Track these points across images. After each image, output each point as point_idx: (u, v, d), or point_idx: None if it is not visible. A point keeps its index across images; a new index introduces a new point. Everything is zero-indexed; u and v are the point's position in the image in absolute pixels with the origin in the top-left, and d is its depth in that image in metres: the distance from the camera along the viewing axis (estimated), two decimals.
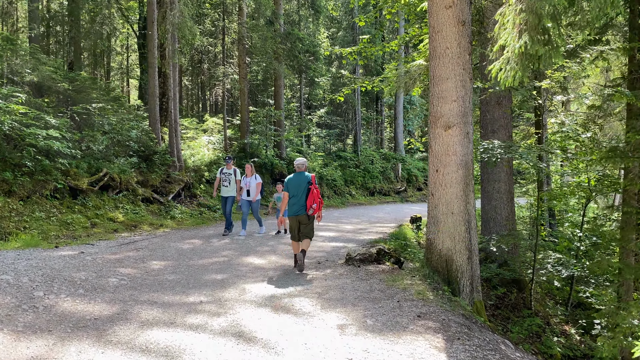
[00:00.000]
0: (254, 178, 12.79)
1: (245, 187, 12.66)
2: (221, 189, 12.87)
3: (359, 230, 14.78)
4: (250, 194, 12.70)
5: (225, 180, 12.74)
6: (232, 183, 12.75)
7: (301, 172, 8.82)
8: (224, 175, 12.78)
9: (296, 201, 8.62)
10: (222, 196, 12.98)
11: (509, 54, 6.42)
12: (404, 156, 31.69)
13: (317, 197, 8.65)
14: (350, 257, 9.14)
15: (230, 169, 12.81)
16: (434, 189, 8.02)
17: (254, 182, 12.73)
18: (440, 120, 7.90)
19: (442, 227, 7.92)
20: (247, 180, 12.72)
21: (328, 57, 30.21)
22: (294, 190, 8.65)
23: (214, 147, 21.57)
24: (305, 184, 8.61)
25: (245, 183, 12.69)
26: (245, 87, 21.74)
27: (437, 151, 7.95)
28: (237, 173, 12.80)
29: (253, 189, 12.70)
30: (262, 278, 8.08)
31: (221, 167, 13.15)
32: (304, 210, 8.57)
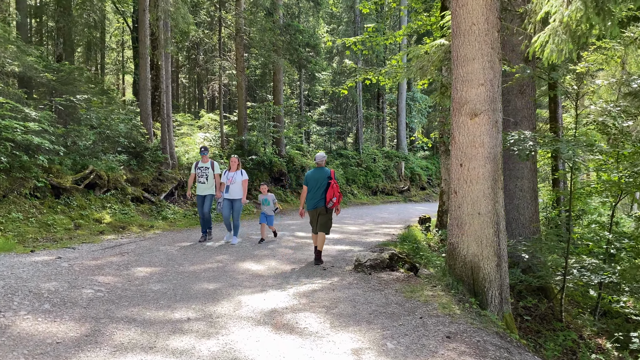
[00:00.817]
0: (239, 174, 10.68)
1: (227, 182, 10.60)
2: (197, 186, 11.00)
3: (364, 231, 13.77)
4: (233, 191, 10.57)
5: (202, 176, 10.84)
6: (210, 178, 10.87)
7: (321, 167, 8.93)
8: (199, 170, 10.87)
9: (315, 195, 8.76)
10: (198, 195, 10.99)
11: (556, 24, 5.42)
12: (407, 154, 30.69)
13: (337, 192, 8.71)
14: (360, 263, 8.12)
15: (207, 162, 10.90)
16: (458, 186, 7.01)
17: (238, 178, 10.63)
18: (465, 107, 6.89)
19: (467, 230, 6.91)
20: (230, 175, 10.62)
21: (329, 52, 29.20)
22: (314, 184, 8.79)
23: (210, 144, 20.55)
24: (325, 179, 8.72)
25: (228, 178, 10.61)
26: (242, 82, 20.73)
27: (462, 143, 6.94)
28: (215, 166, 10.89)
29: (237, 186, 10.61)
30: (260, 287, 7.07)
31: (196, 161, 11.21)
32: (323, 203, 8.70)
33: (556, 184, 16.05)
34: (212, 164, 10.91)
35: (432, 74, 9.77)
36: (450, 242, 7.17)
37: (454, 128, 7.07)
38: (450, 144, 7.14)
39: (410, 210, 22.55)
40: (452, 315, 5.80)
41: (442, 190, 14.97)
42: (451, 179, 7.18)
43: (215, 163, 10.95)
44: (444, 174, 14.92)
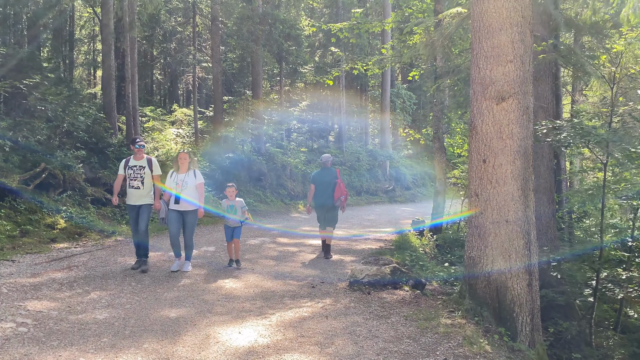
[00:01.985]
0: (192, 176, 7.71)
1: (175, 188, 7.60)
2: (128, 193, 7.80)
3: (353, 237, 12.43)
4: (185, 201, 7.59)
5: (135, 178, 7.67)
6: (147, 182, 7.70)
7: (327, 168, 9.34)
8: (131, 170, 7.71)
9: (324, 194, 9.10)
10: (129, 205, 7.86)
11: None
12: (391, 153, 29.49)
13: (344, 191, 9.12)
14: (356, 279, 6.76)
15: (142, 160, 7.74)
16: (480, 188, 5.69)
17: (191, 181, 7.64)
18: (489, 89, 5.57)
19: (491, 242, 5.59)
20: (180, 179, 7.61)
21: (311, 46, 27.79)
22: (321, 184, 9.15)
23: (183, 140, 18.99)
24: (332, 179, 9.10)
25: (177, 183, 7.60)
26: (219, 74, 19.21)
27: (485, 133, 5.62)
28: (153, 165, 7.78)
29: (190, 192, 7.60)
30: (235, 314, 5.65)
31: (126, 158, 7.98)
32: (332, 202, 9.09)
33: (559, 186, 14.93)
34: (150, 162, 7.79)
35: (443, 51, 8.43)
36: (469, 256, 5.85)
37: (474, 115, 5.75)
38: (469, 135, 5.83)
39: (397, 212, 21.30)
40: (484, 355, 4.48)
41: (437, 190, 13.72)
42: (471, 178, 5.86)
43: (153, 160, 7.88)
44: (438, 173, 13.67)
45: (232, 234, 8.20)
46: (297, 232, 13.13)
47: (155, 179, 7.78)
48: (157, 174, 7.80)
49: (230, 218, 8.11)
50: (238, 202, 8.21)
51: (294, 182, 20.98)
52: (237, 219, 8.14)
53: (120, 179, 7.93)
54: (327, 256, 9.26)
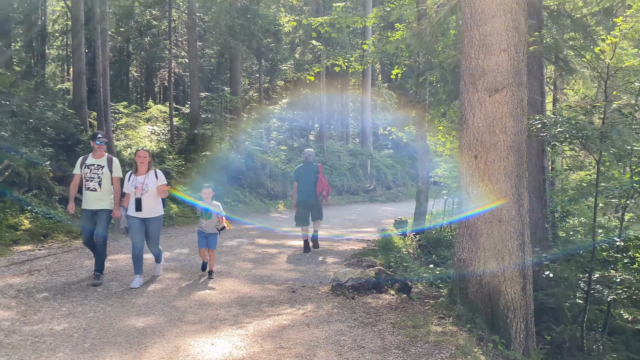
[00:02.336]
0: (153, 177, 6.74)
1: (135, 192, 6.56)
2: (83, 195, 6.77)
3: (334, 237, 12.02)
4: (147, 206, 6.62)
5: (92, 179, 6.65)
6: (106, 184, 6.68)
7: (309, 163, 9.38)
8: (88, 169, 6.68)
9: (306, 189, 9.15)
10: (84, 210, 6.76)
11: None
12: (373, 152, 29.19)
13: (326, 185, 9.21)
14: (339, 283, 6.35)
15: (102, 158, 6.73)
16: (470, 185, 5.34)
17: (152, 184, 6.67)
18: (482, 80, 5.22)
19: (483, 243, 5.25)
20: (139, 181, 6.61)
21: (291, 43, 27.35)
22: (304, 179, 9.21)
23: (159, 138, 18.37)
24: (314, 174, 9.18)
25: (136, 186, 6.58)
26: (196, 69, 18.63)
27: (477, 127, 5.27)
28: (114, 165, 6.80)
29: (151, 197, 6.66)
30: (209, 323, 5.19)
31: (83, 156, 6.94)
32: (314, 197, 9.15)
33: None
34: (110, 162, 6.77)
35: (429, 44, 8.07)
36: (460, 258, 5.49)
37: (465, 108, 5.39)
38: (460, 130, 5.48)
39: (379, 212, 20.99)
40: None
41: (420, 189, 13.41)
42: (461, 175, 5.51)
43: (114, 160, 6.85)
44: (421, 172, 13.37)
45: (206, 242, 7.22)
46: (277, 232, 12.69)
47: (115, 182, 6.74)
48: (117, 176, 6.78)
49: (204, 223, 7.20)
50: (215, 205, 7.27)
51: (274, 182, 20.51)
52: (213, 224, 7.23)
53: (77, 180, 6.80)
54: (315, 247, 9.61)
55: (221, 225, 7.30)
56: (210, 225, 7.22)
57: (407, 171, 31.28)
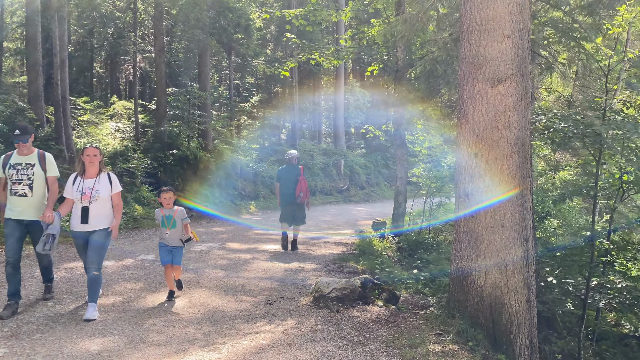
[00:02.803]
0: (105, 181, 5.38)
1: (81, 199, 5.21)
2: (10, 202, 5.33)
3: (311, 240, 11.42)
4: (94, 217, 5.26)
5: (20, 181, 5.28)
6: (39, 187, 5.36)
7: (292, 164, 9.40)
8: (14, 169, 5.31)
9: (288, 190, 9.20)
10: (7, 220, 5.34)
11: None
12: (346, 152, 28.70)
13: (304, 188, 9.25)
14: (322, 294, 5.75)
15: (31, 154, 5.40)
16: (470, 186, 4.81)
17: (104, 190, 5.32)
18: (483, 69, 4.70)
19: (484, 250, 4.73)
20: (88, 185, 5.26)
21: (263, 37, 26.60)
22: (285, 180, 9.26)
23: (123, 136, 17.44)
24: (295, 176, 9.22)
25: (83, 191, 5.23)
26: (162, 64, 17.74)
27: (477, 122, 4.75)
28: (47, 162, 5.42)
29: (101, 206, 5.31)
30: (175, 345, 4.52)
31: (5, 155, 5.50)
32: (294, 198, 9.18)
33: None
34: (42, 158, 5.39)
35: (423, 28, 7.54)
36: (458, 267, 4.96)
37: (464, 101, 4.86)
38: (458, 125, 4.95)
39: (353, 212, 20.50)
40: None
41: (398, 190, 12.92)
42: (459, 175, 4.98)
43: (47, 157, 5.48)
44: (399, 172, 12.88)
45: (170, 256, 5.93)
46: (249, 235, 12.02)
47: (51, 182, 5.36)
48: (53, 175, 5.39)
49: (167, 234, 5.91)
50: (177, 212, 5.95)
51: (245, 182, 19.77)
52: (178, 235, 5.93)
53: (1, 185, 5.38)
54: (292, 249, 9.54)
55: (186, 236, 6.01)
56: (175, 236, 5.92)
57: (380, 171, 30.94)
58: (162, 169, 16.42)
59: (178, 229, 5.93)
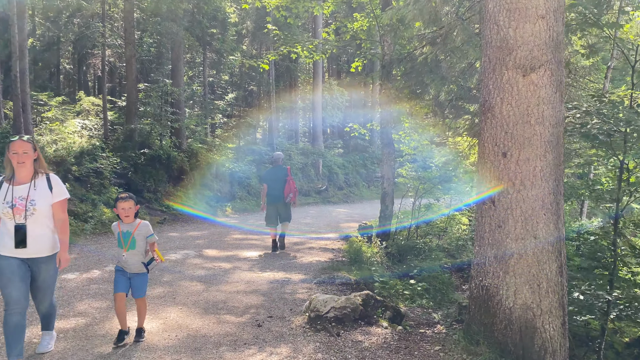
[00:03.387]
0: (45, 186, 3.96)
1: (13, 214, 3.81)
2: None
3: (294, 246, 10.66)
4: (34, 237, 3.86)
5: None
6: None
7: (278, 166, 9.54)
8: None
9: (275, 191, 9.27)
10: None
11: None
12: (324, 151, 27.99)
13: (293, 188, 9.40)
14: (319, 314, 5.01)
15: None
16: (497, 191, 4.15)
17: (43, 199, 3.91)
18: (514, 54, 4.03)
19: (514, 266, 4.06)
20: (21, 194, 3.85)
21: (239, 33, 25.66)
22: (272, 182, 9.31)
23: (91, 133, 16.35)
24: (283, 176, 9.33)
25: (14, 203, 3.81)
26: (133, 58, 16.71)
27: (507, 116, 4.08)
28: None
29: (41, 220, 3.91)
30: None
31: None
32: (282, 199, 9.30)
33: None
34: None
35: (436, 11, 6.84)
36: (482, 285, 4.28)
37: (490, 92, 4.19)
38: (481, 120, 4.28)
39: (334, 214, 19.81)
40: None
41: (385, 191, 12.26)
42: (482, 179, 4.30)
43: None
44: (386, 173, 12.22)
45: (128, 284, 4.48)
46: (227, 240, 11.19)
47: None
48: None
49: (124, 255, 4.44)
50: (139, 227, 4.53)
51: (221, 182, 18.87)
52: (139, 256, 4.49)
53: None
54: (281, 249, 9.57)
55: (149, 257, 4.55)
56: (135, 259, 4.46)
57: (359, 171, 30.36)
58: (132, 169, 15.44)
59: (139, 249, 4.47)
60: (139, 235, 4.49)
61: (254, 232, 12.57)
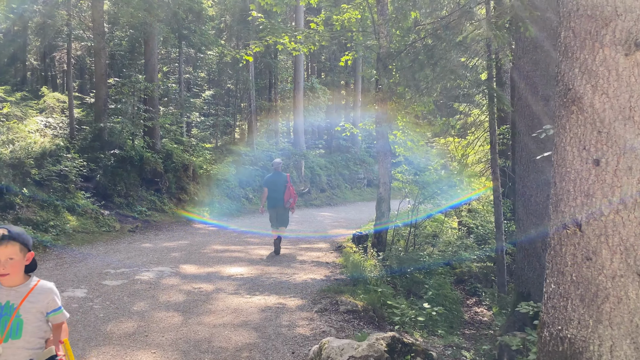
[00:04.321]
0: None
1: None
2: None
3: (283, 258, 9.52)
4: None
5: None
6: None
7: (278, 172, 10.03)
8: None
9: (275, 196, 9.75)
10: None
11: None
12: (305, 151, 26.83)
13: (293, 193, 9.85)
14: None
15: None
16: (586, 211, 3.08)
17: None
18: (611, 27, 2.97)
19: (609, 312, 3.00)
20: None
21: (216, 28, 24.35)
22: (273, 187, 9.77)
23: (55, 132, 14.91)
24: (283, 183, 9.79)
25: None
26: (102, 50, 15.32)
27: (600, 110, 3.00)
28: None
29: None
30: None
31: None
32: (282, 203, 9.75)
33: None
34: None
35: None
36: (561, 336, 3.20)
37: (575, 78, 3.11)
38: (560, 116, 3.22)
39: (319, 218, 18.73)
40: None
41: (381, 197, 11.19)
42: (563, 193, 3.23)
43: None
44: (382, 177, 11.16)
45: None
46: (207, 252, 9.98)
47: None
48: None
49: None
50: (35, 294, 2.46)
51: (198, 185, 17.56)
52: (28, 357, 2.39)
53: None
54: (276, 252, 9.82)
55: (46, 354, 2.40)
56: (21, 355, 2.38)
57: (341, 172, 29.33)
58: (101, 171, 14.08)
59: (30, 337, 2.41)
60: (31, 310, 2.43)
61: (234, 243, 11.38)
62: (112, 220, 12.88)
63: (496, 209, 9.62)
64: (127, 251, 9.80)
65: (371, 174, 31.75)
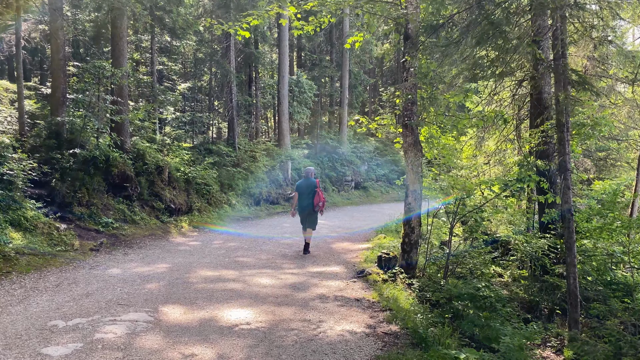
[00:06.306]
0: None
1: None
2: None
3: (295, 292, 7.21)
4: None
5: None
6: None
7: (309, 178, 10.65)
8: None
9: (306, 201, 10.41)
10: None
11: None
12: (291, 152, 24.48)
13: (322, 198, 10.46)
14: None
15: None
16: None
17: None
18: None
19: None
20: None
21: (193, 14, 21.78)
22: (304, 192, 10.44)
23: (1, 127, 12.27)
24: (313, 188, 10.48)
25: None
26: (60, 31, 12.71)
27: None
28: None
29: None
30: None
31: None
32: (312, 207, 10.41)
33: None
34: None
35: None
36: None
37: None
38: None
39: None
40: None
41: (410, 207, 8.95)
42: None
43: None
44: (411, 181, 8.93)
45: None
46: (195, 283, 7.61)
47: None
48: None
49: None
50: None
51: (175, 190, 15.04)
52: None
53: None
54: (305, 252, 10.52)
55: None
56: None
57: (328, 174, 27.07)
58: (57, 175, 11.50)
59: None
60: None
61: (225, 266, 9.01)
62: (70, 236, 10.35)
63: (567, 225, 7.54)
64: (87, 283, 7.37)
65: (358, 175, 29.69)
